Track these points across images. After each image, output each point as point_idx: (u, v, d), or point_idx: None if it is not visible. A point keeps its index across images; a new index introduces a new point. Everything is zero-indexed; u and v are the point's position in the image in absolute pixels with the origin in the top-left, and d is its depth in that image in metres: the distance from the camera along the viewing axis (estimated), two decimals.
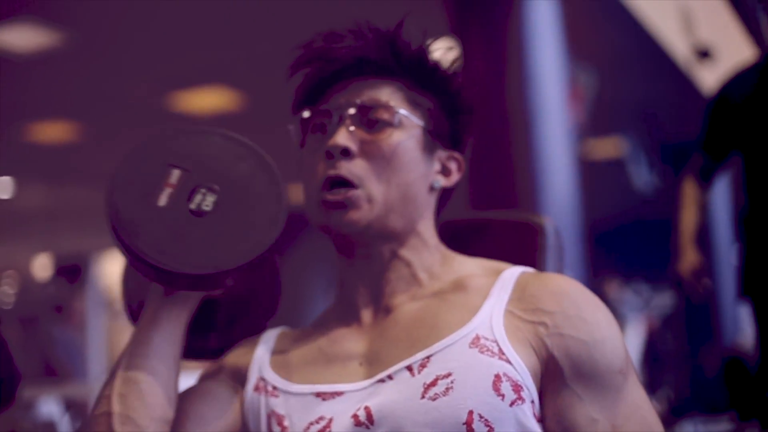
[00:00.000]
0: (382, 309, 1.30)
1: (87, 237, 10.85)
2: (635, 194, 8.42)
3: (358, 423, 1.18)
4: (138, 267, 1.23)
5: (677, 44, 6.39)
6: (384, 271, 1.31)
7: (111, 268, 12.46)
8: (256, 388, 1.30)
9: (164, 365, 1.24)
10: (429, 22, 1.36)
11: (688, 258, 3.58)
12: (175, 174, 1.24)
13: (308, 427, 1.21)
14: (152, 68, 6.13)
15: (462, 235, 1.39)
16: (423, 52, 1.33)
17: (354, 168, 1.27)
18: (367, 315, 1.31)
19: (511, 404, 1.15)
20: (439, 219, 1.39)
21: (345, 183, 1.27)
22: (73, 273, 11.11)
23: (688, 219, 3.66)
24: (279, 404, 1.26)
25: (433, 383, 1.16)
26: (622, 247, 13.04)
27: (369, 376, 1.23)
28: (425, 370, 1.18)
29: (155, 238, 1.20)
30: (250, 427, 1.29)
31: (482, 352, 1.17)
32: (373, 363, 1.24)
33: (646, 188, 8.08)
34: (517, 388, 1.16)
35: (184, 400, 1.29)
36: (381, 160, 1.27)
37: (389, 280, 1.31)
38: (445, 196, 1.39)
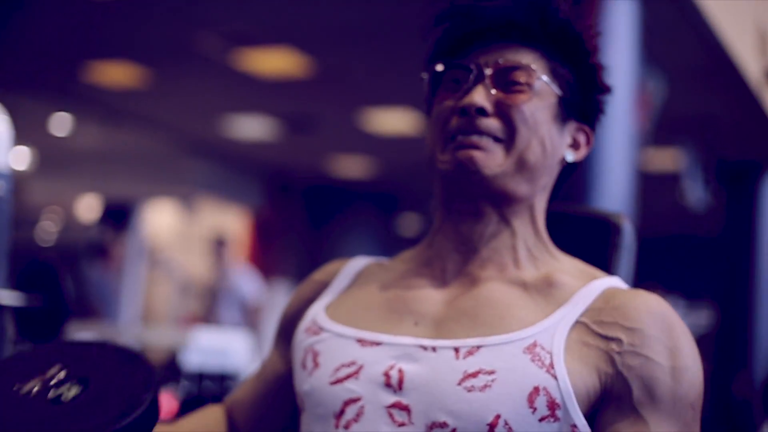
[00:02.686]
0: (469, 277, 1.27)
1: (136, 183, 10.94)
2: (685, 209, 8.34)
3: (388, 383, 1.18)
4: None
5: (750, 63, 6.31)
6: (487, 236, 1.27)
7: (157, 217, 12.55)
8: (306, 329, 1.32)
9: None
10: None
11: None
12: (54, 369, 1.23)
13: (339, 368, 1.22)
14: (223, 22, 6.13)
15: None
16: (569, 22, 1.30)
17: (490, 124, 1.24)
18: (452, 277, 1.28)
19: (540, 420, 1.12)
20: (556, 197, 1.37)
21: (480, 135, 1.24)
22: (118, 217, 11.20)
23: None
24: (319, 341, 1.27)
25: (474, 375, 1.14)
26: (664, 259, 12.95)
27: (415, 336, 1.22)
28: (471, 358, 1.16)
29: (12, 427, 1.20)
30: (294, 365, 1.32)
31: (533, 361, 1.14)
32: (429, 327, 1.22)
33: (698, 204, 8.00)
34: (552, 405, 1.13)
35: None
36: (516, 122, 1.25)
37: (488, 247, 1.27)
38: (567, 172, 1.35)
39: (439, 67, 1.31)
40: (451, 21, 1.32)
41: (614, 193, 4.30)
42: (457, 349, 1.17)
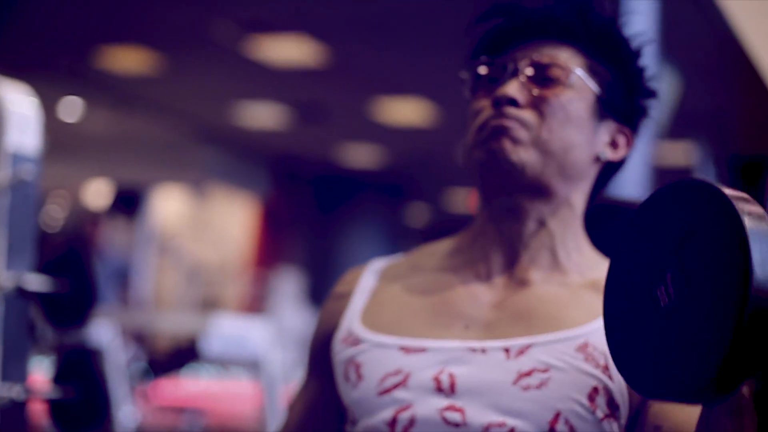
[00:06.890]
0: (516, 279, 1.25)
1: (146, 169, 10.92)
2: None
3: (439, 387, 1.16)
4: None
5: (767, 59, 6.28)
6: (526, 237, 1.26)
7: (166, 203, 12.53)
8: (343, 340, 1.28)
9: None
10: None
11: None
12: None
13: (384, 378, 1.20)
14: (237, 8, 6.11)
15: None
16: (612, 24, 1.30)
17: (521, 113, 1.23)
18: (498, 279, 1.26)
19: (602, 419, 1.13)
20: (599, 197, 1.35)
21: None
22: (129, 203, 11.20)
23: None
24: (359, 352, 1.24)
25: (528, 374, 1.14)
26: None
27: (463, 339, 1.20)
28: (522, 357, 1.15)
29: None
30: (337, 378, 1.28)
31: (587, 360, 1.14)
32: (480, 329, 1.21)
33: None
34: (612, 405, 1.13)
35: None
36: (548, 114, 1.24)
37: (529, 248, 1.25)
38: (607, 174, 1.33)
39: (482, 70, 1.30)
40: (491, 20, 1.32)
41: (627, 187, 4.28)
42: (507, 350, 1.17)
